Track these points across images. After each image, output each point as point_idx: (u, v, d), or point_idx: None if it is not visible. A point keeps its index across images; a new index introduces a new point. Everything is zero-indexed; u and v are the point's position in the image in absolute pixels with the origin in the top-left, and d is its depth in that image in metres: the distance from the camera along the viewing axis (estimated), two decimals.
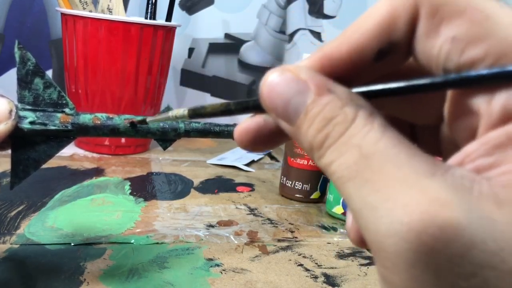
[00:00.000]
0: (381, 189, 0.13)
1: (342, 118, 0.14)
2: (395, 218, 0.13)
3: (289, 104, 0.15)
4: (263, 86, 0.16)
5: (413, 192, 0.13)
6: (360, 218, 0.14)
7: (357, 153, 0.14)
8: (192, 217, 0.46)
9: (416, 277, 0.13)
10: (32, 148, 0.28)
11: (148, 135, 0.31)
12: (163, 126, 0.31)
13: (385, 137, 0.14)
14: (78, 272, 0.33)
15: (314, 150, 0.15)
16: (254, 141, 0.18)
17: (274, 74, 0.16)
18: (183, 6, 0.83)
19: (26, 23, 0.76)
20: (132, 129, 0.30)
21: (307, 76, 0.15)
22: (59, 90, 0.28)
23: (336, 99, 0.15)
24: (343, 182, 0.14)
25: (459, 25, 0.14)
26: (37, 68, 0.27)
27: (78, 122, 0.28)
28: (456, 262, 0.12)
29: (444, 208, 0.12)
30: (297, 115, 0.15)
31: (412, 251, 0.13)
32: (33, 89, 0.27)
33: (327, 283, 0.36)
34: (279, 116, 0.16)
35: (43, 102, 0.28)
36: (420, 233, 0.12)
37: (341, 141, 0.14)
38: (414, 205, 0.13)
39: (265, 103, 0.16)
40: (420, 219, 0.12)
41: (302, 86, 0.15)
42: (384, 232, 0.13)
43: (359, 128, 0.14)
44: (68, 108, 0.28)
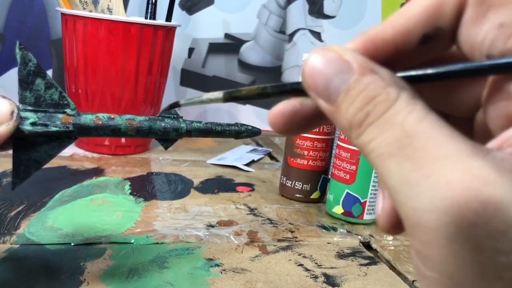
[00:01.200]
0: (423, 166, 0.13)
1: (384, 97, 0.15)
2: (438, 193, 0.13)
3: (330, 82, 0.15)
4: (306, 64, 0.16)
5: (456, 169, 0.13)
6: (398, 194, 0.14)
7: (399, 130, 0.14)
8: (192, 217, 0.46)
9: (456, 251, 0.13)
10: (34, 149, 0.28)
11: (149, 135, 0.31)
12: (164, 126, 0.31)
13: (428, 118, 0.14)
14: (78, 272, 0.33)
15: (353, 129, 0.15)
16: (288, 124, 0.18)
17: (316, 54, 0.16)
18: (183, 6, 0.83)
19: (26, 23, 0.76)
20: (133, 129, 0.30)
21: (351, 56, 0.15)
22: (61, 91, 0.28)
23: (379, 80, 0.15)
24: (383, 159, 0.14)
25: (507, 12, 0.14)
26: (39, 68, 0.27)
27: (79, 123, 0.28)
28: (496, 238, 0.13)
29: (486, 186, 0.13)
30: (338, 94, 0.15)
31: (453, 225, 0.13)
32: (35, 89, 0.27)
33: (327, 283, 0.36)
34: (319, 95, 0.16)
35: (45, 102, 0.28)
36: (462, 207, 0.13)
37: (383, 119, 0.14)
38: (457, 182, 0.13)
39: (306, 82, 0.16)
40: (462, 194, 0.13)
41: (345, 66, 0.15)
42: (424, 207, 0.13)
43: (402, 107, 0.14)
44: (70, 108, 0.28)
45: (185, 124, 0.32)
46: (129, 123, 0.30)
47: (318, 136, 0.51)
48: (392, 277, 0.38)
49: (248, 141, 0.79)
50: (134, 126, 0.30)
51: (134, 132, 0.30)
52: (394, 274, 0.39)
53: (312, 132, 0.51)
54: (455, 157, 0.13)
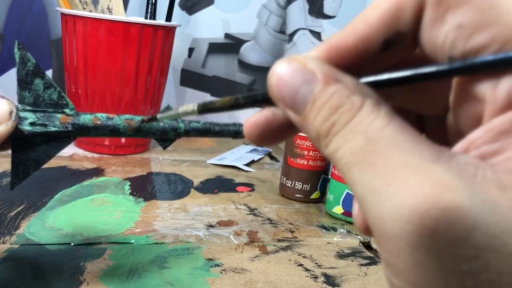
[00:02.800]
0: (385, 173, 0.13)
1: (349, 106, 0.15)
2: (398, 201, 0.13)
3: (296, 93, 0.15)
4: (271, 76, 0.16)
5: (417, 176, 0.13)
6: (364, 203, 0.14)
7: (363, 139, 0.14)
8: (192, 217, 0.46)
9: (419, 260, 0.13)
10: (32, 149, 0.28)
11: (148, 135, 0.31)
12: (163, 126, 0.31)
13: (391, 124, 0.14)
14: (78, 272, 0.33)
15: (321, 138, 0.15)
16: (263, 134, 0.18)
17: (281, 64, 0.16)
18: (183, 6, 0.83)
19: (26, 23, 0.76)
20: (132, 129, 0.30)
21: (315, 66, 0.15)
22: (59, 91, 0.28)
23: (343, 88, 0.15)
24: (349, 167, 0.14)
25: (464, 13, 0.14)
26: (37, 68, 0.27)
27: (78, 123, 0.28)
28: (458, 245, 0.13)
29: (447, 192, 0.13)
30: (305, 104, 0.15)
31: (415, 234, 0.13)
32: (33, 89, 0.27)
33: (327, 283, 0.36)
34: (287, 106, 0.16)
35: (43, 102, 0.28)
36: (422, 215, 0.13)
37: (348, 128, 0.14)
38: (418, 189, 0.13)
39: (273, 93, 0.16)
40: (423, 201, 0.13)
41: (309, 76, 0.15)
42: (387, 215, 0.13)
43: (366, 115, 0.14)
44: (69, 108, 0.28)
45: (183, 124, 0.32)
46: (128, 123, 0.30)
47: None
48: None
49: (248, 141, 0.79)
50: (133, 126, 0.30)
51: (132, 132, 0.30)
52: None
53: None
54: (417, 163, 0.13)
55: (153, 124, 0.30)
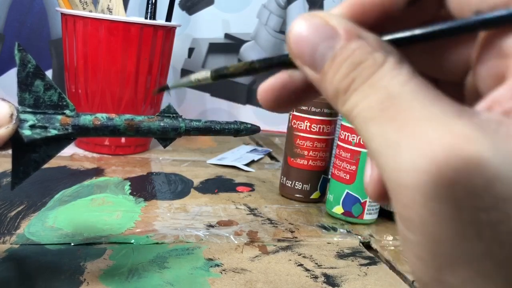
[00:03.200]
0: (406, 126, 0.13)
1: (371, 62, 0.14)
2: (418, 152, 0.13)
3: (316, 49, 0.15)
4: (290, 32, 0.15)
5: (438, 129, 0.13)
6: (380, 157, 0.14)
7: (383, 93, 0.14)
8: (192, 217, 0.46)
9: (435, 211, 0.13)
10: (33, 149, 0.28)
11: (148, 134, 0.31)
12: (163, 126, 0.31)
13: (413, 81, 0.14)
14: (78, 272, 0.33)
15: (339, 95, 0.15)
16: (278, 99, 0.18)
17: (302, 20, 0.15)
18: (183, 6, 0.83)
19: (26, 23, 0.76)
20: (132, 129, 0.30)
21: (337, 22, 0.15)
22: (60, 92, 0.28)
23: (366, 45, 0.15)
24: (366, 122, 0.14)
25: None
26: (38, 70, 0.27)
27: (78, 124, 0.28)
28: (477, 195, 0.12)
29: (469, 143, 0.12)
30: (324, 61, 0.15)
31: (433, 184, 0.13)
32: (34, 91, 0.27)
33: (327, 283, 0.36)
34: (306, 63, 0.16)
35: (44, 104, 0.28)
36: (442, 165, 0.12)
37: (368, 83, 0.14)
38: (438, 140, 0.13)
39: (291, 50, 0.16)
40: (442, 152, 0.12)
41: (331, 32, 0.15)
42: (405, 167, 0.13)
43: (387, 71, 0.14)
44: (69, 109, 0.28)
45: (184, 123, 0.32)
46: (128, 124, 0.30)
47: (318, 136, 0.51)
48: (392, 277, 0.38)
49: (248, 141, 0.79)
50: (133, 126, 0.30)
51: (133, 132, 0.30)
52: (394, 274, 0.39)
53: (312, 132, 0.51)
54: (439, 118, 0.13)
55: (153, 123, 0.30)
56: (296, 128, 0.52)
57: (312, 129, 0.51)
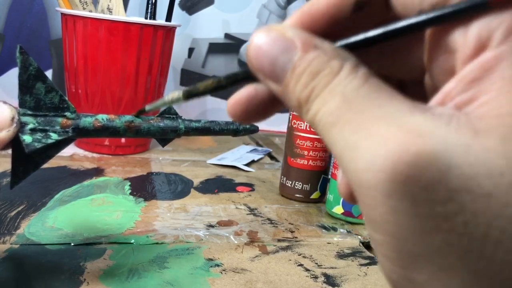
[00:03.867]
0: (361, 128, 0.14)
1: (328, 71, 0.15)
2: (374, 152, 0.13)
3: (276, 62, 0.15)
4: (250, 47, 0.16)
5: (391, 127, 0.13)
6: (342, 160, 0.14)
7: (340, 98, 0.14)
8: (192, 217, 0.46)
9: (394, 208, 0.13)
10: None
11: (148, 135, 0.31)
12: (163, 127, 0.31)
13: (368, 83, 0.14)
14: (78, 272, 0.33)
15: (302, 105, 0.15)
16: (246, 111, 0.18)
17: (259, 34, 0.16)
18: (183, 6, 0.83)
19: (26, 23, 0.76)
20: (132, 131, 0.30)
21: (293, 34, 0.15)
22: (61, 94, 0.28)
23: (322, 54, 0.15)
24: (327, 128, 0.15)
25: None
26: (39, 72, 0.27)
27: (78, 126, 0.28)
28: (432, 188, 0.13)
29: (420, 138, 0.13)
30: (285, 73, 0.15)
31: (388, 181, 0.13)
32: (35, 93, 0.27)
33: (327, 283, 0.36)
34: (267, 76, 0.16)
35: (45, 106, 0.28)
36: (395, 162, 0.13)
37: (326, 91, 0.15)
38: (392, 138, 0.13)
39: (252, 64, 0.16)
40: (395, 149, 0.13)
41: (288, 44, 0.15)
42: (363, 167, 0.13)
43: (344, 77, 0.15)
44: (69, 112, 0.28)
45: (183, 124, 0.32)
46: (128, 125, 0.30)
47: (318, 136, 0.51)
48: None
49: (248, 141, 0.79)
50: (133, 128, 0.30)
51: (132, 133, 0.30)
52: None
53: (312, 132, 0.51)
54: (392, 116, 0.13)
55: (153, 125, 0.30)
56: (296, 128, 0.52)
57: (312, 129, 0.51)
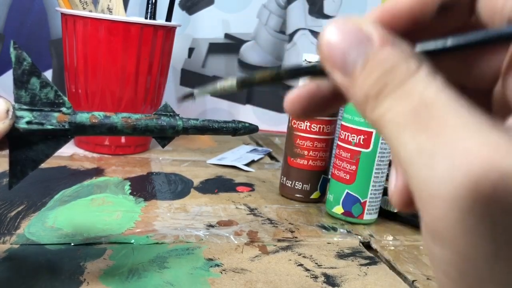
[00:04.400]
0: (440, 135, 0.13)
1: (404, 69, 0.14)
2: (453, 163, 0.12)
3: (348, 53, 0.15)
4: (323, 36, 0.15)
5: (475, 139, 0.12)
6: (412, 165, 0.13)
7: (417, 100, 0.14)
8: (192, 217, 0.46)
9: (470, 226, 0.12)
10: (30, 148, 0.28)
11: (146, 133, 0.30)
12: (161, 124, 0.31)
13: (448, 90, 0.14)
14: (78, 272, 0.33)
15: (369, 101, 0.15)
16: (305, 108, 0.18)
17: (335, 25, 0.15)
18: (183, 6, 0.83)
19: (26, 23, 0.76)
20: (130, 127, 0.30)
21: (371, 28, 0.15)
22: (56, 90, 0.28)
23: (399, 52, 0.14)
24: (398, 130, 0.14)
25: None
26: (33, 68, 0.27)
27: (75, 121, 0.28)
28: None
29: (506, 158, 0.12)
30: (356, 65, 0.15)
31: (470, 199, 0.12)
32: (30, 89, 0.27)
33: (327, 283, 0.36)
34: (336, 66, 0.15)
35: (40, 101, 0.27)
36: (479, 180, 0.12)
37: (401, 90, 0.14)
38: (476, 152, 0.12)
39: (323, 53, 0.16)
40: (480, 165, 0.12)
41: (364, 37, 0.15)
42: (439, 178, 0.12)
43: (422, 79, 0.14)
44: (65, 107, 0.28)
45: (181, 121, 0.32)
46: (125, 121, 0.29)
47: (318, 136, 0.51)
48: (392, 277, 0.38)
49: (248, 141, 0.79)
50: (131, 124, 0.30)
51: (130, 130, 0.30)
52: (394, 274, 0.39)
53: (312, 132, 0.51)
54: (474, 128, 0.13)
55: (150, 121, 0.30)
56: (296, 128, 0.52)
57: (312, 129, 0.51)
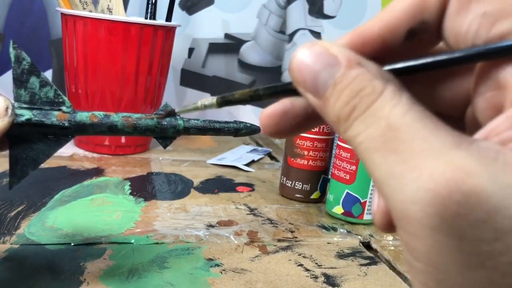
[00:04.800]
0: (407, 159, 0.14)
1: (370, 90, 0.15)
2: (421, 185, 0.13)
3: (318, 77, 0.16)
4: (293, 59, 0.16)
5: (439, 161, 0.13)
6: (386, 187, 0.14)
7: (384, 125, 0.14)
8: (192, 217, 0.46)
9: (440, 241, 0.13)
10: (30, 147, 0.28)
11: (146, 132, 0.30)
12: (161, 123, 0.31)
13: (412, 111, 0.14)
14: (78, 272, 0.33)
15: (341, 122, 0.15)
16: (279, 125, 0.19)
17: (304, 48, 0.16)
18: (183, 6, 0.83)
19: (26, 23, 0.76)
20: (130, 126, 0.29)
21: (337, 50, 0.16)
22: (56, 89, 0.28)
23: (366, 72, 0.15)
24: (370, 153, 0.15)
25: (489, 2, 0.15)
26: (33, 67, 0.27)
27: (75, 120, 0.28)
28: (479, 228, 0.13)
29: (469, 176, 0.13)
30: (326, 88, 0.16)
31: (437, 217, 0.13)
32: (29, 88, 0.27)
33: (327, 283, 0.36)
34: (308, 89, 0.16)
35: (40, 100, 0.27)
36: (445, 199, 0.13)
37: (368, 113, 0.15)
38: (440, 173, 0.13)
39: (294, 76, 0.16)
40: (445, 186, 0.13)
41: (332, 60, 0.15)
42: (410, 198, 0.14)
43: (387, 100, 0.15)
44: (65, 106, 0.28)
45: (182, 121, 0.31)
46: (126, 120, 0.29)
47: (318, 136, 0.51)
48: (392, 277, 0.38)
49: (248, 141, 0.79)
50: (131, 123, 0.30)
51: (131, 129, 0.30)
52: (394, 274, 0.39)
53: (312, 132, 0.51)
54: (438, 149, 0.14)
55: (151, 121, 0.30)
56: None
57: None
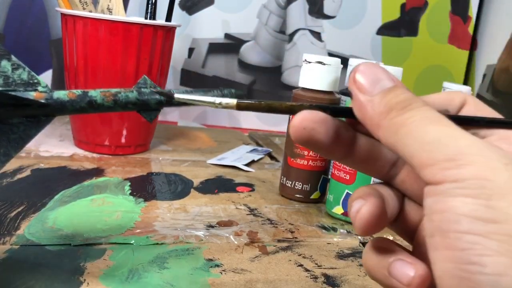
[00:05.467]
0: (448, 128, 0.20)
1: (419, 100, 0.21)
2: None
3: (378, 82, 0.21)
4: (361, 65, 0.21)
5: None
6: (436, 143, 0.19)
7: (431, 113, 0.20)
8: (192, 217, 0.46)
9: None
10: (11, 130, 0.28)
11: (128, 105, 0.30)
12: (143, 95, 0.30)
13: None
14: (78, 272, 0.33)
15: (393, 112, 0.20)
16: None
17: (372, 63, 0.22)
18: (183, 6, 0.83)
19: (26, 23, 0.76)
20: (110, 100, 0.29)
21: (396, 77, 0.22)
22: (29, 71, 0.28)
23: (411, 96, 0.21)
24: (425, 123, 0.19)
25: None
26: (2, 51, 0.27)
27: (52, 98, 0.28)
28: None
29: None
30: (379, 89, 0.21)
31: None
32: (1, 71, 0.27)
33: (327, 283, 0.36)
34: (361, 88, 0.21)
35: (14, 83, 0.28)
36: None
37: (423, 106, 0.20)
38: None
39: (358, 76, 0.21)
40: None
41: (391, 77, 0.21)
42: None
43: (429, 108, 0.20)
44: (41, 86, 0.28)
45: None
46: (104, 95, 0.29)
47: None
48: None
49: (248, 141, 0.79)
50: (110, 98, 0.29)
51: (111, 103, 0.29)
52: None
53: None
54: None
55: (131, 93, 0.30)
56: None
57: None
